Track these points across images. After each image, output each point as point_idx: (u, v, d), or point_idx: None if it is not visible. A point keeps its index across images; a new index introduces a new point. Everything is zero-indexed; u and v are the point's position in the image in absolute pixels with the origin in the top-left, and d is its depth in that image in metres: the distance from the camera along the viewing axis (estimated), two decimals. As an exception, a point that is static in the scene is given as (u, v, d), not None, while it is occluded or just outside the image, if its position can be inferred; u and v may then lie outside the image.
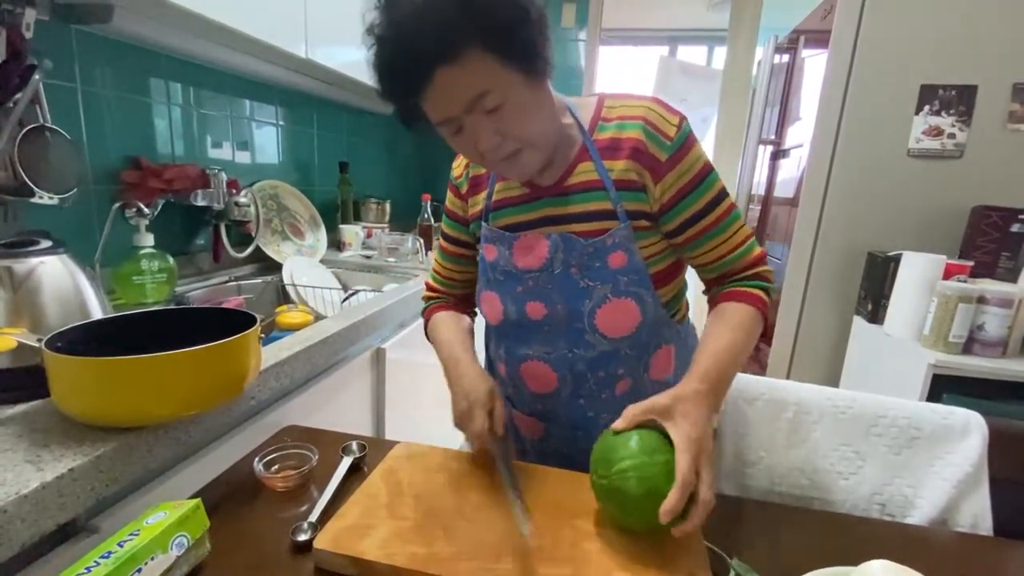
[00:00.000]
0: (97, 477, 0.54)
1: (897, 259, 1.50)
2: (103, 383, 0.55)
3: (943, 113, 1.60)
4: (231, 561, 0.52)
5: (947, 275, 1.39)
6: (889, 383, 1.46)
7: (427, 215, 1.99)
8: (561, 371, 0.74)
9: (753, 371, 2.11)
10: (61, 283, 0.73)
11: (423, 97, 0.57)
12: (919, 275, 1.41)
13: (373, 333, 1.16)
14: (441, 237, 0.85)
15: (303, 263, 1.52)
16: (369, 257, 1.86)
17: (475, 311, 0.88)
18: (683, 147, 0.64)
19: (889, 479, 0.80)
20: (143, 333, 0.68)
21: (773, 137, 2.28)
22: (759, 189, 2.42)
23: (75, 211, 1.03)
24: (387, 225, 2.14)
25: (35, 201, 0.91)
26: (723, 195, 0.68)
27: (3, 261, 0.68)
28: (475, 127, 0.58)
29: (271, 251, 1.53)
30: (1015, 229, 1.50)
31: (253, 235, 1.46)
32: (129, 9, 0.96)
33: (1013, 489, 0.80)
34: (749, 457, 0.84)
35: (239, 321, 0.67)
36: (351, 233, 1.90)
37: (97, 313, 0.75)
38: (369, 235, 1.98)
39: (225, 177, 1.31)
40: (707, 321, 0.70)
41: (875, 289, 1.60)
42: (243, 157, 1.55)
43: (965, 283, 1.32)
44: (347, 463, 0.68)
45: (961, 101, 1.58)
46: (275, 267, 1.50)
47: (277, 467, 0.66)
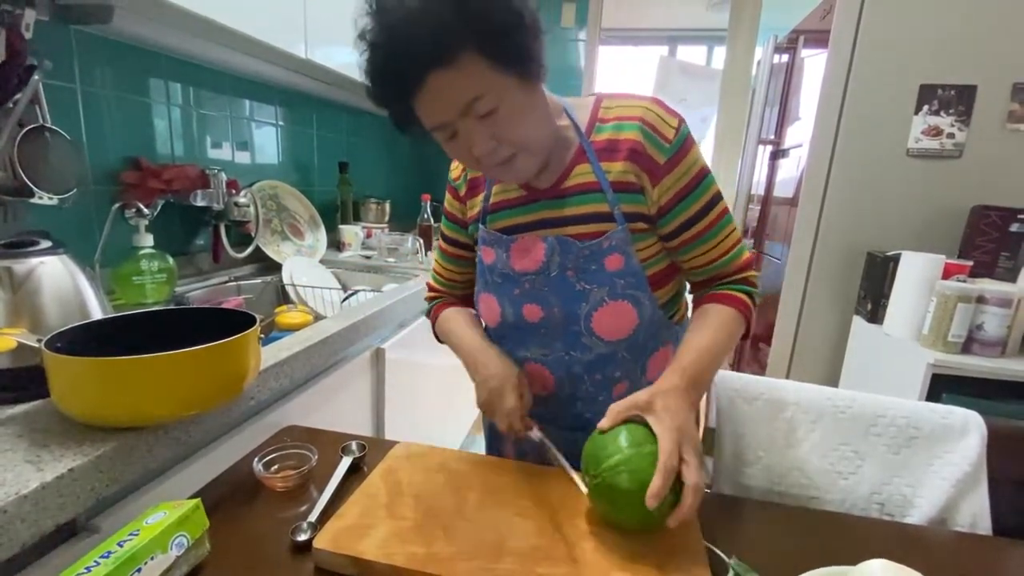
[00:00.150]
0: (97, 477, 0.54)
1: (896, 259, 1.50)
2: (103, 383, 0.55)
3: (942, 113, 1.60)
4: (231, 561, 0.53)
5: (946, 275, 1.39)
6: (888, 383, 1.46)
7: (427, 215, 1.99)
8: (558, 373, 0.74)
9: (753, 371, 2.11)
10: (61, 283, 0.73)
11: (416, 102, 0.57)
12: (918, 275, 1.41)
13: (373, 333, 1.16)
14: (441, 239, 0.85)
15: (303, 263, 1.52)
16: (369, 257, 1.86)
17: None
18: (681, 149, 0.64)
19: (888, 479, 0.80)
20: (143, 333, 0.68)
21: (772, 137, 2.28)
22: (759, 189, 2.41)
23: (75, 211, 1.03)
24: (387, 225, 2.14)
25: (35, 201, 0.91)
26: (718, 198, 0.68)
27: (3, 261, 0.68)
28: (469, 132, 0.58)
29: (271, 251, 1.53)
30: (1014, 229, 1.50)
31: (253, 235, 1.46)
32: (129, 9, 0.96)
33: (1012, 489, 0.80)
34: (748, 457, 0.84)
35: (239, 321, 0.67)
36: (351, 233, 1.90)
37: (97, 313, 0.75)
38: (369, 235, 1.98)
39: (225, 177, 1.31)
40: (690, 320, 0.71)
41: (874, 289, 1.60)
42: (243, 157, 1.55)
43: (964, 283, 1.32)
44: (347, 463, 0.68)
45: (960, 101, 1.58)
46: (275, 267, 1.50)
47: (277, 467, 0.66)
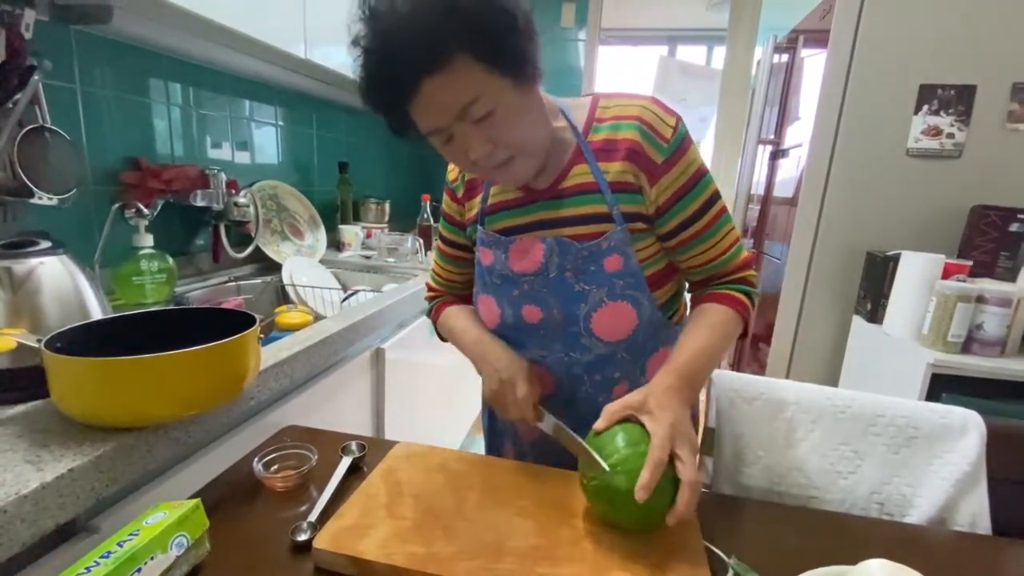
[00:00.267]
0: (97, 477, 0.54)
1: (896, 258, 1.50)
2: (103, 383, 0.55)
3: (942, 113, 1.60)
4: (231, 561, 0.53)
5: (946, 274, 1.39)
6: (888, 382, 1.46)
7: (426, 215, 1.99)
8: (558, 374, 0.74)
9: (752, 370, 2.11)
10: (61, 284, 0.73)
11: (411, 107, 0.57)
12: (918, 274, 1.42)
13: (372, 333, 1.16)
14: (439, 240, 0.85)
15: (303, 263, 1.52)
16: (368, 257, 1.86)
17: None
18: (679, 149, 0.64)
19: (888, 478, 0.80)
20: (143, 333, 0.68)
21: (772, 137, 2.28)
22: (758, 189, 2.41)
23: (75, 212, 1.03)
24: (386, 225, 2.14)
25: (35, 202, 0.92)
26: (716, 197, 0.68)
27: (3, 262, 0.68)
28: (465, 136, 0.58)
29: (271, 251, 1.53)
30: (1014, 228, 1.50)
31: (252, 235, 1.46)
32: (128, 10, 0.96)
33: (1011, 488, 0.80)
34: (748, 456, 0.84)
35: (239, 321, 0.67)
36: (350, 233, 1.90)
37: (97, 313, 0.75)
38: (368, 235, 1.98)
39: (224, 177, 1.31)
40: (687, 319, 0.71)
41: (874, 288, 1.60)
42: (242, 157, 1.55)
43: (964, 282, 1.32)
44: (346, 463, 0.68)
45: (960, 101, 1.58)
46: (275, 267, 1.50)
47: (277, 467, 0.66)
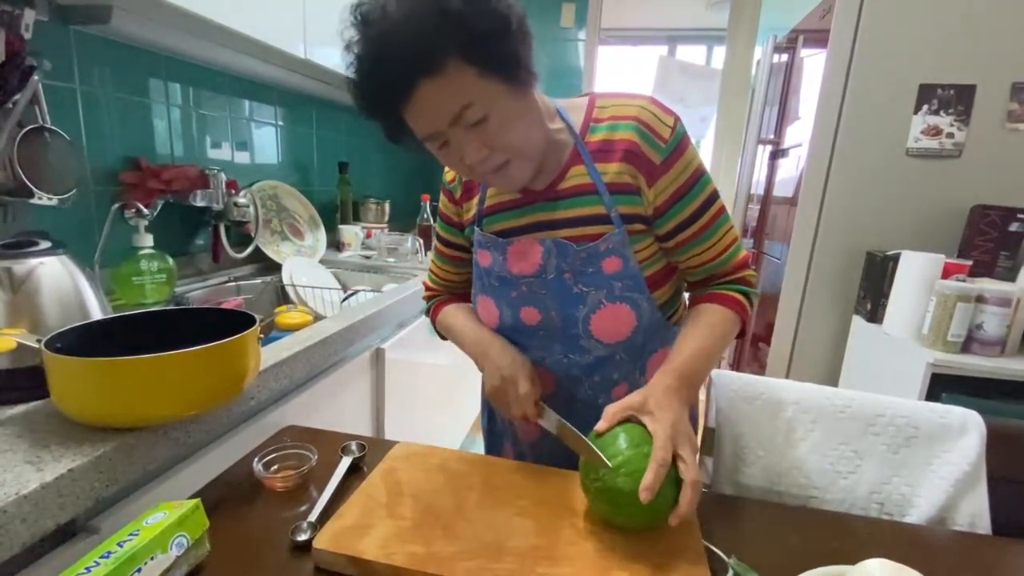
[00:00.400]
0: (97, 477, 0.54)
1: (896, 258, 1.50)
2: (103, 383, 0.55)
3: (942, 112, 1.60)
4: (231, 561, 0.53)
5: (946, 274, 1.39)
6: (888, 382, 1.46)
7: (426, 215, 2.00)
8: (557, 375, 0.74)
9: (752, 370, 2.11)
10: (60, 284, 0.73)
11: (405, 113, 0.56)
12: (918, 274, 1.42)
13: (372, 333, 1.16)
14: (436, 240, 0.84)
15: (302, 263, 1.52)
16: (368, 257, 1.86)
17: None
18: (677, 149, 0.63)
19: (887, 478, 0.80)
20: (143, 333, 0.68)
21: (772, 136, 2.28)
22: (758, 188, 2.41)
23: (74, 212, 1.03)
24: (386, 225, 2.14)
25: (34, 202, 0.91)
26: (715, 197, 0.67)
27: (2, 262, 0.68)
28: (460, 141, 0.57)
29: (270, 251, 1.53)
30: (1013, 228, 1.50)
31: (252, 235, 1.46)
32: (128, 10, 0.96)
33: (1011, 488, 0.80)
34: (748, 456, 0.84)
35: (238, 321, 0.67)
36: (350, 233, 1.90)
37: (96, 314, 0.75)
38: (368, 235, 1.98)
39: (224, 177, 1.31)
40: (685, 319, 0.71)
41: (874, 288, 1.60)
42: (242, 157, 1.55)
43: (964, 282, 1.32)
44: (346, 463, 0.68)
45: (960, 100, 1.58)
46: (274, 267, 1.50)
47: (277, 467, 0.66)
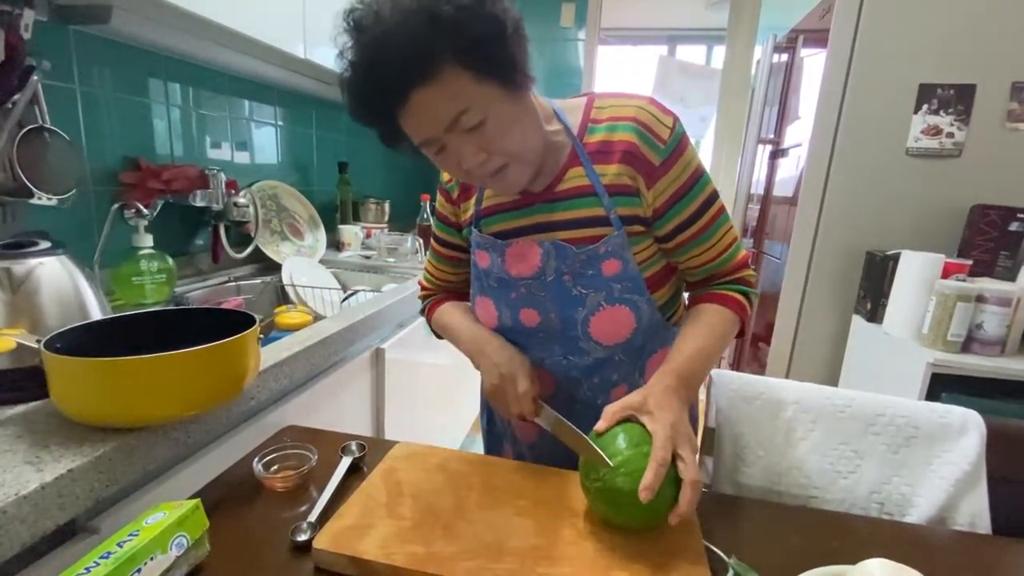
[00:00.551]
0: (97, 478, 0.54)
1: (896, 258, 1.50)
2: (103, 383, 0.55)
3: (942, 112, 1.60)
4: (231, 561, 0.53)
5: (946, 274, 1.39)
6: (888, 382, 1.46)
7: (426, 215, 2.00)
8: (556, 376, 0.74)
9: (752, 370, 2.11)
10: (60, 284, 0.73)
11: (401, 119, 0.56)
12: (918, 274, 1.41)
13: (372, 333, 1.16)
14: (433, 240, 0.84)
15: (302, 263, 1.52)
16: (368, 257, 1.86)
17: None
18: (677, 150, 0.63)
19: (887, 478, 0.80)
20: (143, 333, 0.68)
21: (772, 136, 2.28)
22: (758, 188, 2.41)
23: (74, 212, 1.03)
24: (386, 225, 2.14)
25: (34, 202, 0.91)
26: (714, 197, 0.67)
27: (2, 262, 0.68)
28: (458, 146, 0.57)
29: (270, 251, 1.53)
30: (1013, 228, 1.50)
31: (252, 235, 1.46)
32: (127, 10, 0.96)
33: (1011, 488, 0.80)
34: (748, 456, 0.84)
35: (238, 321, 0.67)
36: (350, 233, 1.90)
37: (96, 314, 0.75)
38: (368, 235, 1.98)
39: (224, 177, 1.31)
40: (685, 319, 0.71)
41: (874, 288, 1.60)
42: (242, 157, 1.55)
43: (964, 282, 1.32)
44: (346, 463, 0.68)
45: (960, 100, 1.58)
46: (274, 267, 1.50)
47: (276, 467, 0.66)
